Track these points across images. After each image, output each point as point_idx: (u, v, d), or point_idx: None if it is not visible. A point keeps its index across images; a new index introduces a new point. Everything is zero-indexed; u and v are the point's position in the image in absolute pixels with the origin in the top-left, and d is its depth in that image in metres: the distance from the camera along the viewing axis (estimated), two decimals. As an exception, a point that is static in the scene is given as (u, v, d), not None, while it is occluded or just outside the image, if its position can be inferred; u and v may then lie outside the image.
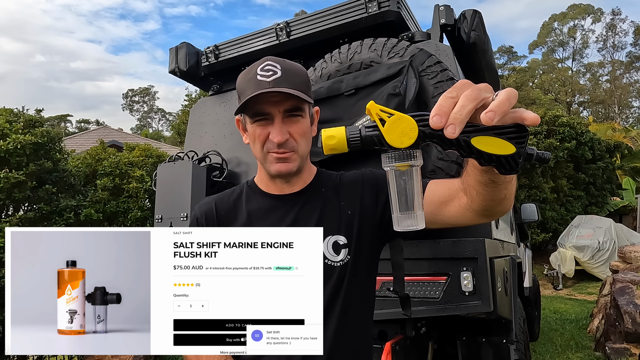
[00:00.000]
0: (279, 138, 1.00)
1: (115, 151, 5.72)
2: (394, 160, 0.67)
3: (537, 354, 4.90)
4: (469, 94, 0.61)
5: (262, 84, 0.99)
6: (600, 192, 12.28)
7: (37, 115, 4.85)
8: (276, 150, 1.03)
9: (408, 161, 0.67)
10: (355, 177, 1.16)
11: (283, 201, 1.11)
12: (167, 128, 51.64)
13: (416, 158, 0.67)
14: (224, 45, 3.17)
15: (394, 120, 0.64)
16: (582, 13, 40.32)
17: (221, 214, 1.13)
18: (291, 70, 1.03)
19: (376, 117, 0.64)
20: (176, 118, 37.48)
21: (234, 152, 3.09)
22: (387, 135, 0.64)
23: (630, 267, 5.92)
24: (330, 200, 1.12)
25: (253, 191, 1.16)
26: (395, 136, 0.64)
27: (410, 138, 0.63)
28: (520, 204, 4.67)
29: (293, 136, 1.03)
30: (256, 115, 1.02)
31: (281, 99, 1.00)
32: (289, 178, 1.10)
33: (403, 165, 0.67)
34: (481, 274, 1.97)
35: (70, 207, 4.61)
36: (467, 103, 0.60)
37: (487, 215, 0.93)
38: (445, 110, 0.61)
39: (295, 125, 1.03)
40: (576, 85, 38.18)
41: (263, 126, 1.02)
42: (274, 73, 1.00)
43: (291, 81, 1.00)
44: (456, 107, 0.61)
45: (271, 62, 1.02)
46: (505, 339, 2.43)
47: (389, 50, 2.28)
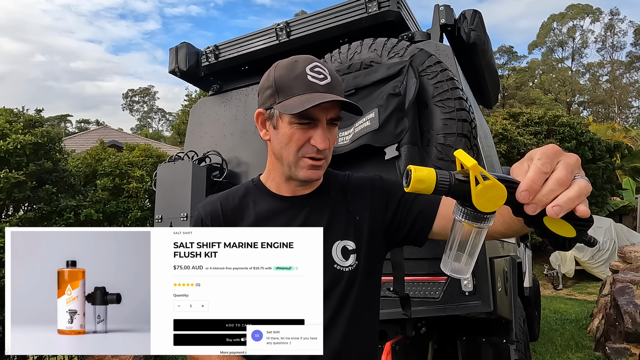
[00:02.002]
0: (324, 145, 0.98)
1: (115, 151, 5.72)
2: (469, 219, 0.66)
3: (537, 354, 4.90)
4: (561, 179, 0.59)
5: (315, 86, 0.97)
6: (600, 192, 12.29)
7: (37, 115, 4.85)
8: (314, 155, 1.00)
9: (481, 223, 0.66)
10: (365, 183, 1.14)
11: (292, 203, 1.09)
12: (167, 128, 51.65)
13: (489, 221, 0.66)
14: (224, 45, 3.17)
15: (489, 185, 0.62)
16: (581, 13, 40.33)
17: (227, 214, 1.10)
18: (335, 76, 1.02)
19: (473, 177, 0.63)
20: (176, 118, 37.48)
21: (234, 152, 3.10)
22: (476, 198, 0.63)
23: (630, 267, 5.92)
24: (339, 203, 1.10)
25: (260, 191, 1.12)
26: (483, 201, 0.63)
27: (495, 205, 0.63)
28: (520, 204, 4.66)
29: (331, 144, 1.03)
30: (304, 118, 0.98)
31: (330, 105, 0.98)
32: (307, 182, 1.07)
33: (474, 225, 0.67)
34: (481, 274, 1.97)
35: (70, 207, 4.61)
36: (556, 188, 0.59)
37: (498, 238, 0.93)
38: (535, 188, 0.59)
39: (332, 133, 1.03)
40: (576, 85, 38.19)
41: (304, 130, 0.99)
42: (324, 77, 0.98)
43: (338, 89, 1.00)
44: (545, 189, 0.59)
45: (319, 63, 1.00)
46: (505, 339, 2.43)
47: (389, 50, 2.28)
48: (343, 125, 2.22)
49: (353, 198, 1.11)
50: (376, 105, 2.11)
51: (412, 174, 0.64)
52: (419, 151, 2.01)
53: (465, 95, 2.20)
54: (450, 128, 2.04)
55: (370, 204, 1.10)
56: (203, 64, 3.24)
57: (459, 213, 0.67)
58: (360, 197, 1.11)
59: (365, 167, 2.13)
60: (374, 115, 2.09)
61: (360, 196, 1.11)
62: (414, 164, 0.75)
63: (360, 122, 2.16)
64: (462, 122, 2.05)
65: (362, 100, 2.21)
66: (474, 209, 0.64)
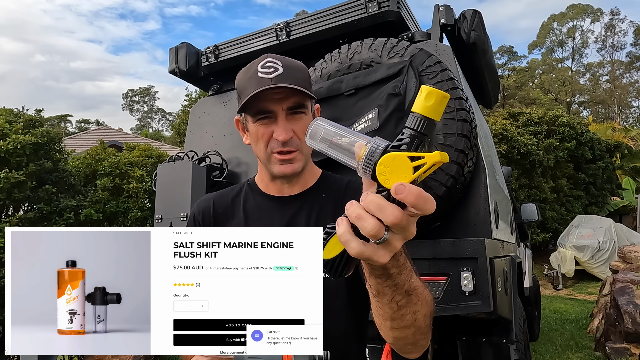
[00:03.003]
0: (284, 136, 0.97)
1: (115, 151, 5.72)
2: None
3: (537, 354, 4.90)
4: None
5: (264, 81, 0.96)
6: (600, 192, 12.29)
7: (37, 115, 4.85)
8: (280, 149, 0.99)
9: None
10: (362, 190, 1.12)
11: (280, 203, 1.09)
12: (167, 128, 51.66)
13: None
14: (224, 45, 3.17)
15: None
16: (581, 13, 40.34)
17: (218, 211, 1.11)
18: (292, 66, 1.00)
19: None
20: (176, 118, 37.49)
21: (234, 152, 3.10)
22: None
23: (630, 267, 5.92)
24: (329, 206, 1.08)
25: (252, 190, 1.14)
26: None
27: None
28: (520, 204, 4.67)
29: (297, 134, 1.00)
30: (259, 113, 0.99)
31: (284, 95, 0.97)
32: (292, 179, 1.07)
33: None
34: (481, 274, 1.97)
35: (70, 207, 4.61)
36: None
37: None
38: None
39: (299, 122, 1.00)
40: (576, 85, 38.19)
41: (266, 125, 0.99)
42: (275, 69, 0.97)
43: (293, 77, 0.97)
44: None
45: (272, 58, 0.99)
46: (505, 339, 2.43)
47: (389, 50, 2.28)
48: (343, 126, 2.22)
49: (347, 200, 1.09)
50: (376, 105, 2.11)
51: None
52: (419, 151, 2.01)
53: (465, 95, 2.20)
54: (450, 128, 2.04)
55: None
56: (203, 64, 3.24)
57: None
58: (354, 198, 1.10)
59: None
60: (374, 115, 2.09)
61: (354, 198, 1.10)
62: None
63: (360, 122, 2.16)
64: (462, 122, 2.05)
65: (362, 100, 2.21)
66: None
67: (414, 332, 0.77)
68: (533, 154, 9.99)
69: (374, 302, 0.76)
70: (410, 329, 0.76)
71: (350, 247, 0.60)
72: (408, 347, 0.83)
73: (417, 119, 0.55)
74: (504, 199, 3.06)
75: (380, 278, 0.69)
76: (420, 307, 0.75)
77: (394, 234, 0.58)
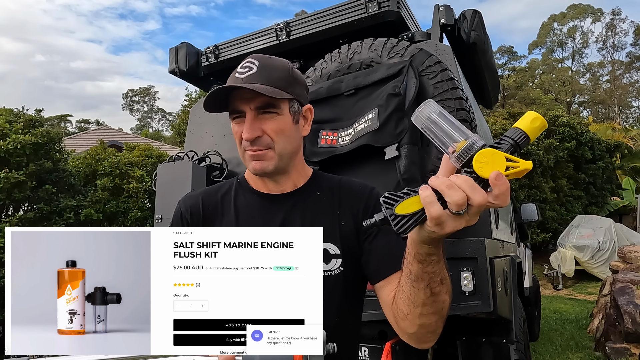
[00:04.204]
0: (247, 135, 0.98)
1: (115, 151, 5.72)
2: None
3: (537, 354, 4.90)
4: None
5: (236, 80, 0.99)
6: (600, 192, 12.29)
7: (37, 115, 4.85)
8: (250, 147, 1.01)
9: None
10: (360, 191, 1.11)
11: (272, 201, 1.08)
12: (167, 128, 51.64)
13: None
14: (224, 45, 3.17)
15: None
16: (582, 13, 40.33)
17: (207, 209, 1.10)
18: (269, 65, 1.00)
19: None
20: (176, 118, 37.49)
21: (234, 152, 3.09)
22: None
23: (630, 267, 5.92)
24: (325, 205, 1.08)
25: (242, 187, 1.12)
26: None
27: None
28: (520, 204, 4.67)
29: (267, 133, 1.00)
30: (232, 112, 1.02)
31: (252, 95, 0.98)
32: (274, 177, 1.06)
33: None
34: (481, 274, 1.97)
35: (70, 207, 4.61)
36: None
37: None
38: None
39: (270, 122, 1.00)
40: (576, 85, 38.18)
41: (239, 124, 1.01)
42: (249, 69, 0.99)
43: (266, 77, 0.98)
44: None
45: (252, 58, 1.01)
46: (505, 339, 2.43)
47: (389, 50, 2.28)
48: (343, 126, 2.22)
49: (342, 202, 1.08)
50: (376, 105, 2.11)
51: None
52: (418, 151, 2.01)
53: (465, 95, 2.20)
54: (450, 128, 2.04)
55: (357, 213, 1.07)
56: (203, 64, 3.24)
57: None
58: (351, 203, 1.08)
59: (365, 167, 2.13)
60: (374, 115, 2.09)
61: (350, 202, 1.08)
62: (414, 164, 0.76)
63: (360, 122, 2.16)
64: (462, 122, 2.05)
65: (362, 100, 2.21)
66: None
67: (437, 319, 0.86)
68: (533, 154, 10.00)
69: (408, 288, 0.84)
70: (436, 315, 0.86)
71: (433, 208, 0.66)
72: (428, 336, 0.91)
73: (519, 133, 0.66)
74: (504, 199, 3.05)
75: (423, 263, 0.78)
76: (447, 296, 0.84)
77: (467, 213, 0.66)
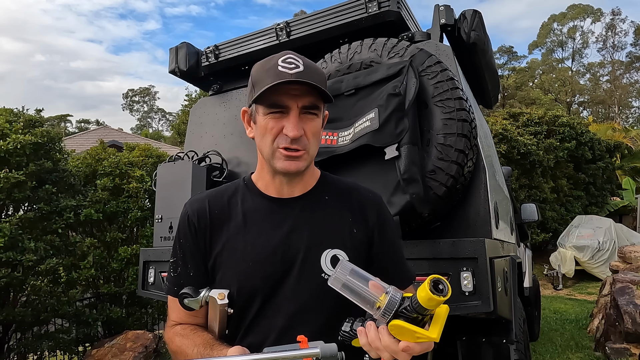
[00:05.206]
0: (294, 132, 0.95)
1: (115, 151, 5.71)
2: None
3: (537, 354, 4.90)
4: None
5: (284, 75, 0.94)
6: (600, 192, 12.29)
7: (37, 115, 4.84)
8: (287, 145, 0.97)
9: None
10: (372, 201, 1.12)
11: (281, 205, 1.06)
12: (167, 128, 51.63)
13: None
14: (224, 45, 3.17)
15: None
16: (582, 13, 40.32)
17: (214, 212, 1.08)
18: (312, 66, 1.00)
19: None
20: (176, 118, 37.47)
21: (234, 152, 3.09)
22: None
23: (630, 267, 5.92)
24: (334, 210, 1.07)
25: (250, 190, 1.10)
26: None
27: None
28: (520, 204, 4.66)
29: (306, 134, 0.99)
30: (272, 106, 0.97)
31: (301, 92, 0.96)
32: (292, 178, 1.05)
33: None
34: (481, 274, 1.97)
35: (70, 207, 4.60)
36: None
37: None
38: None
39: (310, 123, 0.99)
40: (576, 85, 38.16)
41: (277, 119, 0.97)
42: (296, 66, 0.96)
43: (312, 77, 0.97)
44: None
45: (293, 55, 0.99)
46: (505, 339, 2.43)
47: (389, 50, 2.28)
48: (343, 126, 2.22)
49: (354, 210, 1.09)
50: (376, 105, 2.11)
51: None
52: (419, 151, 2.01)
53: (465, 95, 2.20)
54: (450, 128, 2.04)
55: (369, 223, 1.08)
56: (203, 64, 3.23)
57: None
58: (362, 212, 1.09)
59: (365, 167, 2.13)
60: (374, 115, 2.09)
61: (362, 211, 1.09)
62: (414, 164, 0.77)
63: (360, 122, 2.16)
64: (462, 122, 2.05)
65: (362, 100, 2.21)
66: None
67: None
68: (533, 154, 9.99)
69: None
70: None
71: (370, 353, 0.84)
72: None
73: (419, 305, 0.79)
74: (504, 199, 3.06)
75: None
76: None
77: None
